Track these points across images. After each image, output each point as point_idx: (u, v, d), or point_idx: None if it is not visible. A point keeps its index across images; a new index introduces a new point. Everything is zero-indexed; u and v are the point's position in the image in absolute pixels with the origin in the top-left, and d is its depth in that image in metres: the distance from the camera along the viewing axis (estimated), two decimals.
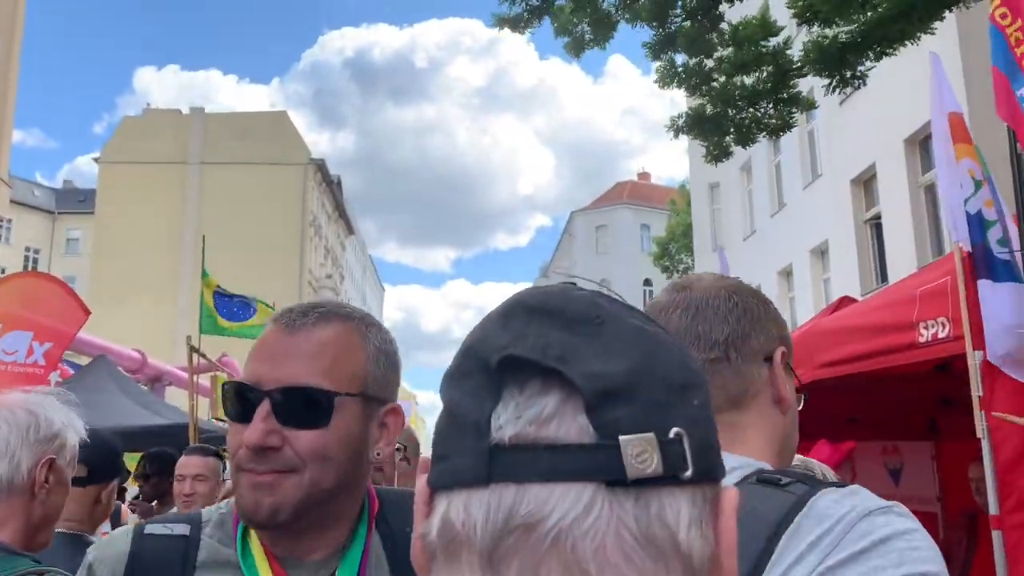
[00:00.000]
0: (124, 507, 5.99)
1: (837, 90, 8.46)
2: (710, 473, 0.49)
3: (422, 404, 58.23)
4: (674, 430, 0.47)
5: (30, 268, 51.37)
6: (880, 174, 14.45)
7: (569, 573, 0.45)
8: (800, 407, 1.21)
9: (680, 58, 9.46)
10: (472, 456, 0.47)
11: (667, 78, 9.07)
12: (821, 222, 16.89)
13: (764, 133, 11.43)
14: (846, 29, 8.20)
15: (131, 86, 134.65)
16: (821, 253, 17.69)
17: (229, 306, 7.54)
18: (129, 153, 45.29)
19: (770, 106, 10.49)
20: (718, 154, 10.75)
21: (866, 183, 15.40)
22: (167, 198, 44.43)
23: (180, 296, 40.81)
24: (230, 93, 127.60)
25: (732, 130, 10.72)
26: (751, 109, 10.03)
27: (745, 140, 11.34)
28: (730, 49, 8.83)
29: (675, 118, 9.79)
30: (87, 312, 5.81)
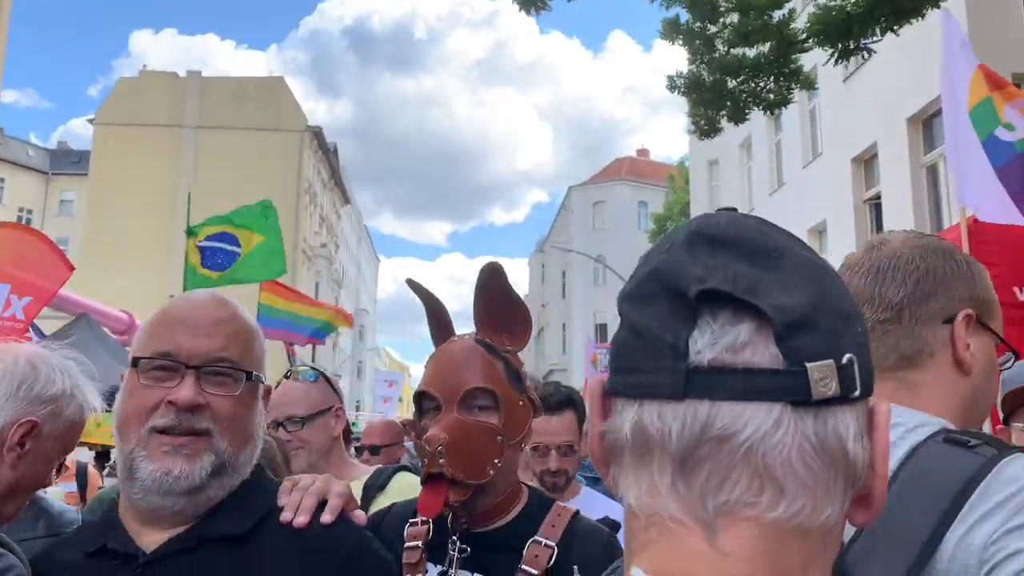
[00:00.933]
0: (91, 468, 5.84)
1: (841, 61, 8.28)
2: (869, 392, 0.57)
3: (415, 377, 58.19)
4: (847, 356, 0.55)
5: None
6: (881, 153, 14.29)
7: (758, 479, 0.53)
8: (1010, 365, 1.24)
9: (687, 16, 9.24)
10: (668, 374, 0.55)
11: (671, 31, 8.87)
12: (820, 201, 16.74)
13: (761, 107, 11.25)
14: (854, 0, 8.01)
15: (127, 49, 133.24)
16: (819, 232, 17.57)
17: (215, 254, 7.34)
18: (124, 115, 44.78)
19: (770, 80, 10.31)
20: (708, 128, 10.58)
21: (867, 162, 15.23)
22: (162, 161, 44.00)
23: (173, 260, 40.41)
24: (227, 58, 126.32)
25: (728, 102, 10.54)
26: (751, 82, 9.85)
27: (740, 115, 11.15)
28: (735, 16, 8.65)
29: (674, 76, 9.61)
30: (71, 268, 5.63)
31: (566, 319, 48.68)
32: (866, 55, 8.42)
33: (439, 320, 1.65)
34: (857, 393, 0.55)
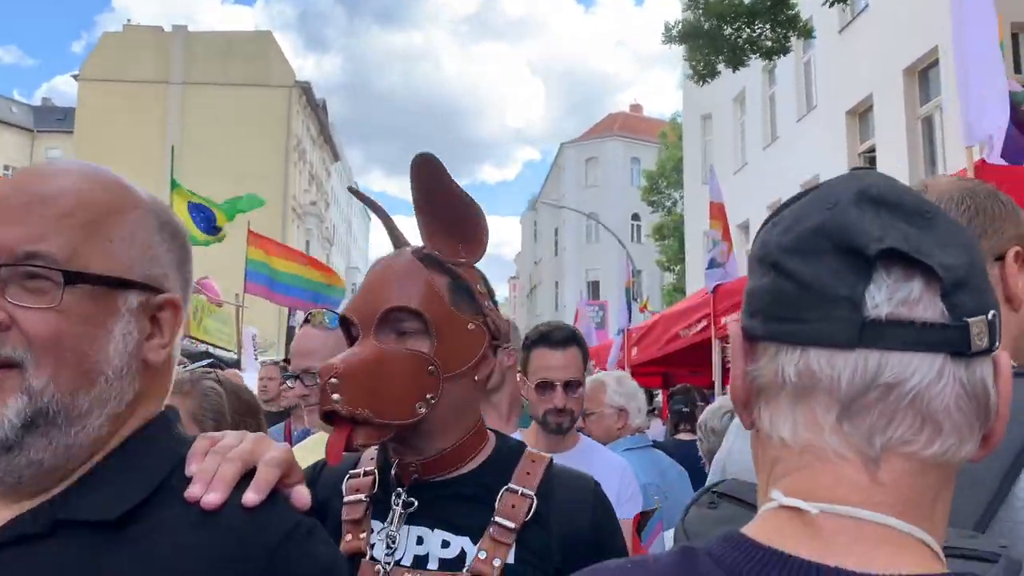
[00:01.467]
0: None
1: (836, 3, 8.08)
2: (999, 343, 0.63)
3: None
4: (991, 312, 0.62)
5: None
6: (877, 105, 14.12)
7: (921, 422, 0.60)
8: None
9: None
10: (844, 324, 0.60)
11: None
12: (814, 155, 16.59)
13: (758, 54, 11.07)
14: None
15: (110, 3, 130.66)
16: (813, 188, 17.45)
17: (204, 217, 7.26)
18: (109, 71, 43.97)
19: (766, 27, 10.13)
20: (705, 73, 10.42)
21: (862, 115, 15.07)
22: (148, 118, 43.32)
23: None
24: (214, 13, 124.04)
25: (725, 48, 10.36)
26: (748, 28, 9.68)
27: (737, 61, 10.98)
28: None
29: (670, 25, 9.40)
30: None
31: (559, 276, 48.65)
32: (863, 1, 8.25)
33: (390, 231, 1.43)
34: (997, 344, 0.62)
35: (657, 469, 3.28)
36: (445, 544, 1.25)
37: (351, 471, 1.37)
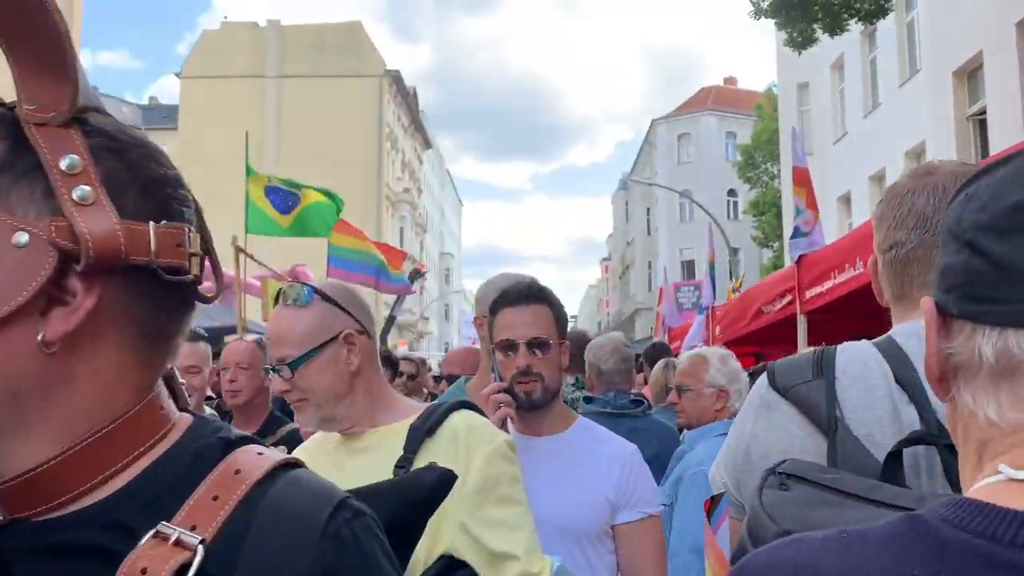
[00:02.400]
0: None
1: None
2: None
3: None
4: None
5: None
6: (987, 64, 13.14)
7: None
8: None
9: None
10: None
11: None
12: (919, 121, 15.63)
13: (856, 19, 10.41)
14: None
15: (211, 5, 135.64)
16: (917, 155, 16.46)
17: (282, 198, 7.28)
18: (209, 68, 45.61)
19: None
20: (802, 40, 9.87)
21: (970, 75, 14.07)
22: (246, 112, 44.76)
23: None
24: (307, 6, 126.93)
25: (820, 15, 9.78)
26: None
27: (834, 27, 10.36)
28: None
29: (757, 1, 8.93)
30: None
31: (651, 256, 47.85)
32: None
33: None
34: None
35: None
36: None
37: None
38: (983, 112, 13.54)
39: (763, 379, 1.31)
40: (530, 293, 2.22)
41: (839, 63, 20.19)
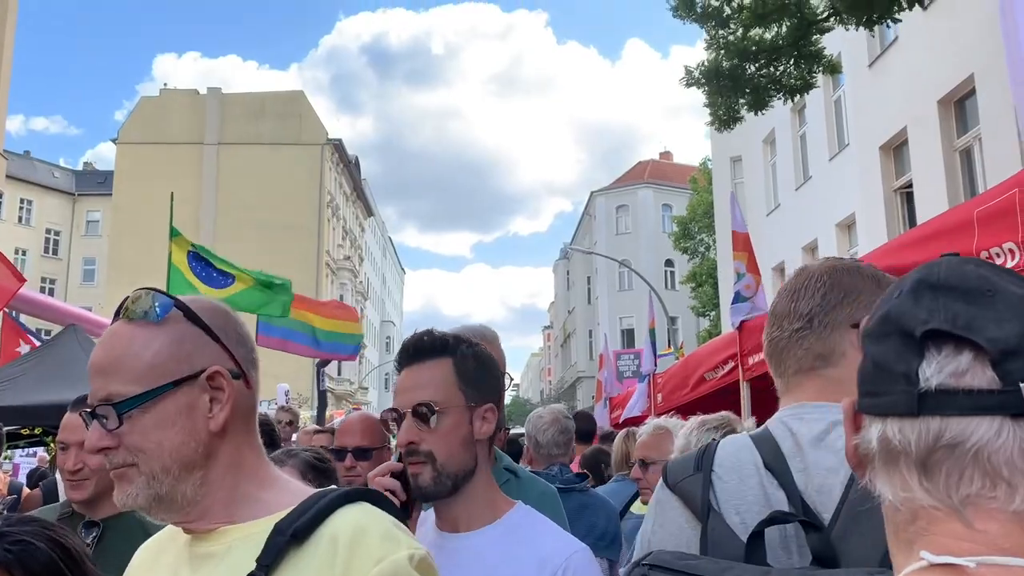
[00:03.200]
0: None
1: (865, 28, 7.73)
2: None
3: None
4: None
5: (50, 249, 51.51)
6: (912, 139, 13.66)
7: (986, 476, 0.66)
8: None
9: None
10: (905, 396, 0.69)
11: (686, 8, 8.40)
12: (848, 194, 16.11)
13: (781, 94, 10.70)
14: None
15: (151, 73, 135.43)
16: (848, 227, 16.93)
17: (208, 271, 6.99)
18: (146, 134, 45.07)
19: (790, 63, 9.78)
20: (727, 119, 10.07)
21: (896, 150, 14.60)
22: (184, 179, 44.16)
23: None
24: (249, 79, 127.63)
25: (748, 91, 10.02)
26: (769, 67, 9.34)
27: (760, 103, 10.61)
28: None
29: (690, 68, 9.11)
30: (21, 280, 5.28)
31: (592, 325, 48.10)
32: (891, 25, 7.89)
33: None
34: None
35: None
36: None
37: None
38: (909, 185, 14.01)
39: (661, 478, 1.40)
40: (421, 346, 1.69)
41: (771, 138, 20.84)
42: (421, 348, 1.68)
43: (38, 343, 7.85)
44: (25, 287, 6.50)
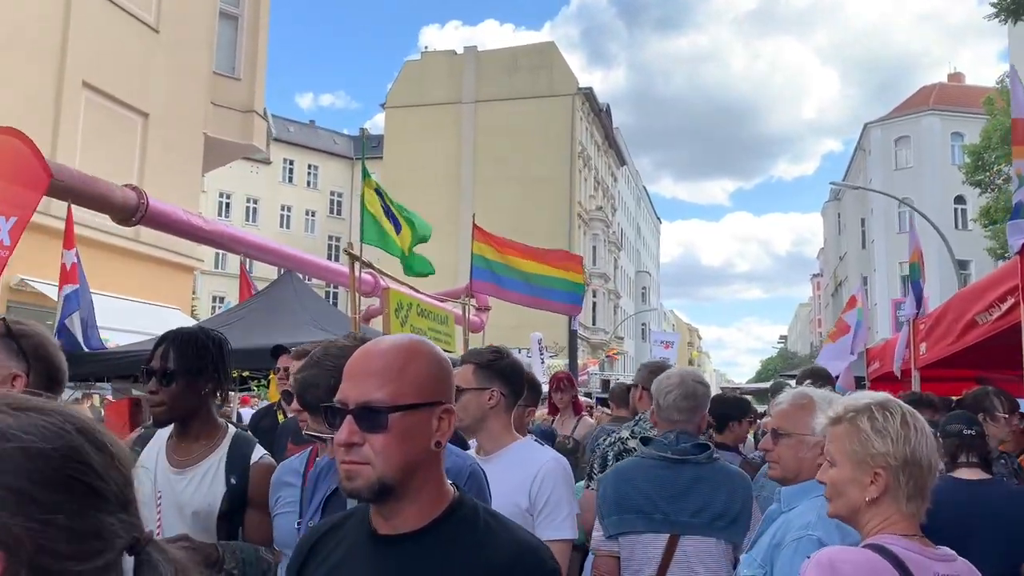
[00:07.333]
0: None
1: None
2: None
3: (705, 340, 56.08)
4: None
5: (335, 210, 56.59)
6: None
7: None
8: None
9: None
10: None
11: None
12: None
13: None
14: None
15: (416, 45, 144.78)
16: None
17: (388, 211, 6.82)
18: (410, 97, 47.72)
19: None
20: (1015, 8, 8.10)
21: None
22: (445, 137, 46.27)
23: (461, 231, 42.42)
24: (506, 41, 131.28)
25: None
26: None
27: None
28: None
29: None
30: (49, 173, 5.16)
31: (867, 271, 43.98)
32: None
33: None
34: None
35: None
36: None
37: None
38: None
39: None
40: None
41: None
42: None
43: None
44: (314, 247, 6.58)
